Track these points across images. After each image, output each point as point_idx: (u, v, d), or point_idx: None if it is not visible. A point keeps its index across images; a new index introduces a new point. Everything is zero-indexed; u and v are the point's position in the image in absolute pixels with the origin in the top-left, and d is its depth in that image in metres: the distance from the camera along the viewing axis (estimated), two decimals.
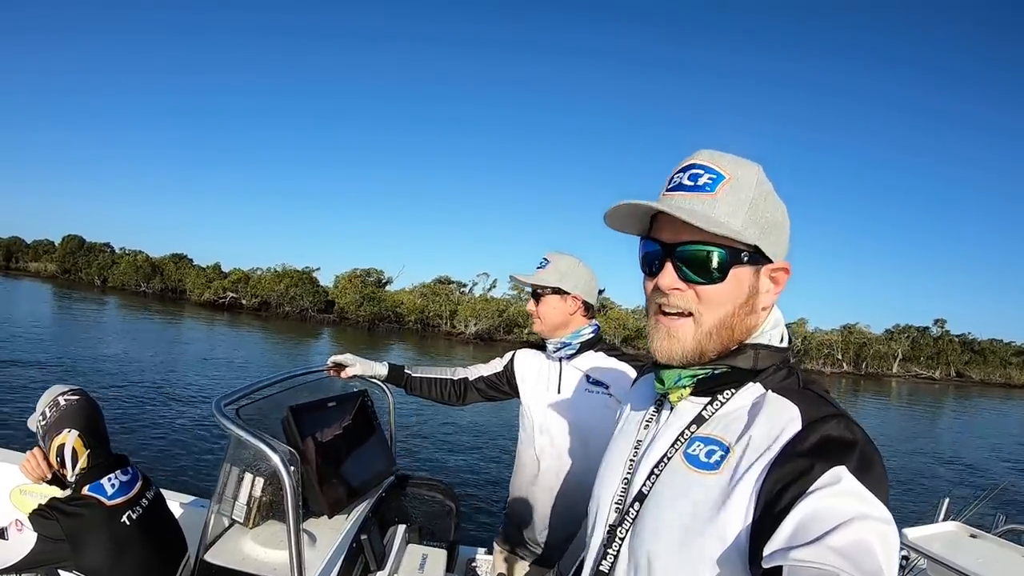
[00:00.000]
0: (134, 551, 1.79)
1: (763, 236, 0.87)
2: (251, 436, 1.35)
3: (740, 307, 0.88)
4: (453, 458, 9.41)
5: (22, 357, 13.46)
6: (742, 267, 0.87)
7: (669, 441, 0.93)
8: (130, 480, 1.88)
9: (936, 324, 55.43)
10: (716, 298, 0.87)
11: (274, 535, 1.64)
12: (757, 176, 0.88)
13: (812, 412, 0.81)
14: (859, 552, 0.66)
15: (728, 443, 0.85)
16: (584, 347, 2.15)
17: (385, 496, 2.09)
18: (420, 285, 49.52)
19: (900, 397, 32.94)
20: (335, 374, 2.21)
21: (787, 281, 0.92)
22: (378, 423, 2.25)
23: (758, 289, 0.89)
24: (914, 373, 50.83)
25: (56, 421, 1.85)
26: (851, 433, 0.78)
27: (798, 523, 0.71)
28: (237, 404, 1.59)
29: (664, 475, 0.91)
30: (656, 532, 0.87)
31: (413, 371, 2.37)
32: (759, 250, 0.87)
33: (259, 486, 1.65)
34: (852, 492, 0.71)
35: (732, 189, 0.86)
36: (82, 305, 30.89)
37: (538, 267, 2.17)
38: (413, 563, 1.73)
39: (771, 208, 0.89)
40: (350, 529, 1.76)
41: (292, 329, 34.44)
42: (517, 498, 2.23)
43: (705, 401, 0.93)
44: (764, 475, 0.78)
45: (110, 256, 51.68)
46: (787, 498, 0.74)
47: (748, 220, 0.86)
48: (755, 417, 0.85)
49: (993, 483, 6.91)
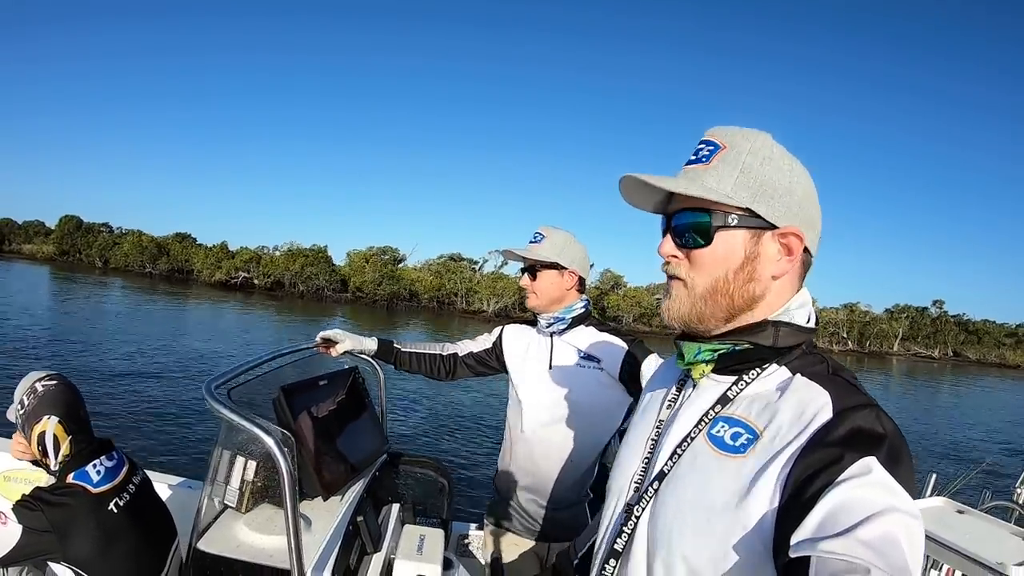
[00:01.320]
0: (123, 539, 1.75)
1: (757, 199, 0.87)
2: (243, 419, 1.31)
3: (735, 272, 0.89)
4: (444, 434, 9.51)
5: (23, 344, 13.18)
6: (730, 230, 0.88)
7: (692, 420, 0.92)
8: (116, 466, 1.84)
9: (935, 305, 57.60)
10: (704, 261, 0.89)
11: (268, 520, 1.62)
12: (754, 142, 0.89)
13: (844, 400, 0.80)
14: (888, 546, 0.66)
15: (755, 426, 0.84)
16: (575, 322, 2.17)
17: (378, 475, 2.08)
18: (429, 262, 49.47)
19: (900, 375, 34.19)
20: (325, 350, 2.19)
21: (801, 250, 0.89)
22: (369, 400, 2.23)
23: (758, 254, 0.88)
24: (913, 352, 52.93)
25: (35, 409, 1.79)
26: (882, 424, 0.77)
27: (827, 513, 0.70)
28: (228, 386, 1.54)
29: (686, 455, 0.90)
30: (675, 512, 0.86)
31: (403, 346, 2.37)
32: (754, 214, 0.87)
33: (251, 469, 1.62)
34: (882, 484, 0.71)
35: (726, 156, 0.89)
36: (85, 288, 30.23)
37: (531, 241, 2.16)
38: (411, 544, 1.72)
39: (770, 171, 0.88)
40: (346, 511, 1.74)
41: (308, 309, 34.25)
42: (507, 472, 2.25)
43: (730, 380, 0.91)
44: (793, 462, 0.77)
45: (111, 237, 50.37)
46: (816, 486, 0.73)
47: (739, 184, 0.87)
48: (784, 401, 0.84)
49: (979, 459, 7.16)
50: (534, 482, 2.16)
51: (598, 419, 2.11)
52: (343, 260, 47.24)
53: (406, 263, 49.03)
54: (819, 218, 0.92)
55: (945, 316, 56.76)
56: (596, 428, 2.12)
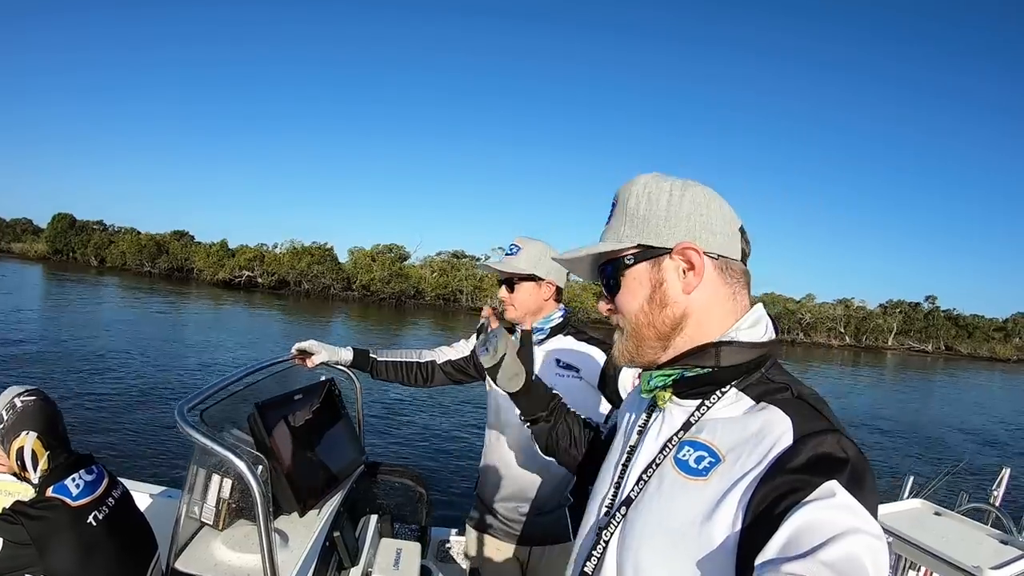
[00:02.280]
0: (103, 552, 1.77)
1: (641, 231, 0.95)
2: (215, 444, 1.33)
3: (647, 303, 0.96)
4: (423, 441, 9.50)
5: (16, 348, 13.01)
6: (631, 268, 0.97)
7: (659, 445, 0.94)
8: (95, 479, 1.85)
9: (927, 300, 59.19)
10: (623, 304, 0.99)
11: (245, 537, 1.64)
12: (632, 188, 0.98)
13: (805, 426, 0.82)
14: (851, 567, 0.67)
15: (718, 450, 0.86)
16: (554, 331, 2.21)
17: (355, 487, 2.10)
18: (429, 259, 49.40)
19: (894, 370, 34.68)
20: (300, 362, 2.20)
21: (703, 259, 0.92)
22: (346, 412, 2.25)
23: (663, 280, 0.94)
24: (908, 346, 54.39)
25: (13, 424, 1.81)
26: (843, 448, 0.79)
27: (790, 535, 0.72)
28: (202, 406, 1.55)
29: (653, 480, 0.92)
30: (641, 537, 0.88)
31: (379, 355, 2.39)
32: (646, 247, 0.95)
33: (227, 487, 1.64)
34: (845, 506, 0.72)
35: (616, 211, 1.01)
36: (81, 288, 29.84)
37: (507, 253, 2.18)
38: (388, 559, 1.75)
39: (648, 205, 0.96)
40: (323, 527, 1.77)
41: (315, 308, 34.10)
42: (487, 479, 2.29)
43: (694, 405, 0.93)
44: (754, 487, 0.78)
45: (105, 235, 49.68)
46: (779, 509, 0.75)
47: (628, 228, 0.97)
48: (746, 426, 0.86)
49: (957, 459, 7.25)
50: (514, 488, 2.19)
51: None
52: (345, 258, 47.20)
53: (411, 260, 49.08)
54: (726, 225, 0.96)
55: (937, 311, 58.05)
56: None
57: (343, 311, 34.04)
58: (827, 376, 26.79)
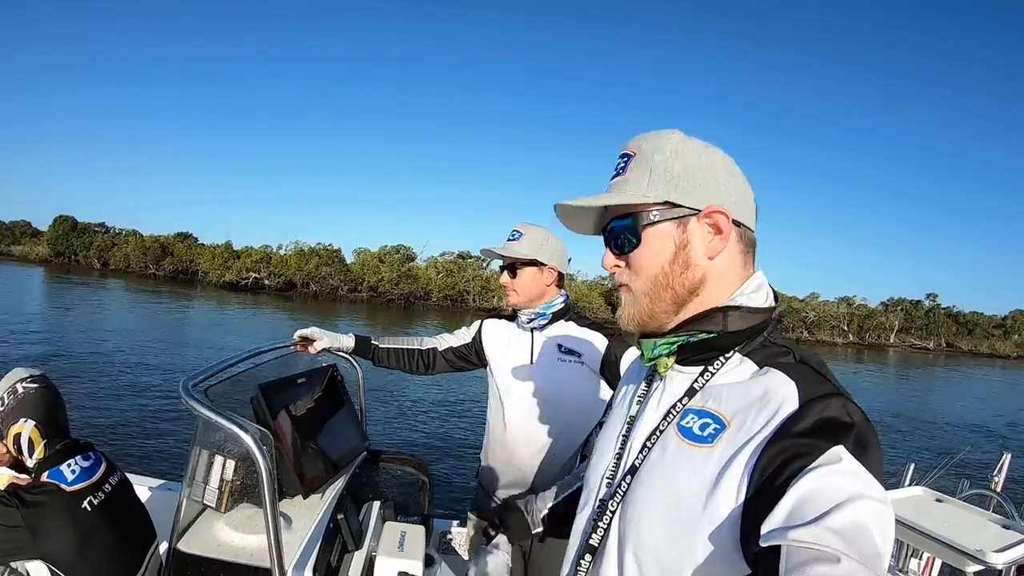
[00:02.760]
0: (99, 538, 1.76)
1: (673, 189, 0.92)
2: (221, 417, 1.32)
3: (670, 264, 0.93)
4: (424, 430, 9.51)
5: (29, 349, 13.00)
6: (655, 226, 0.93)
7: (661, 414, 0.95)
8: (92, 465, 1.85)
9: (928, 298, 60.13)
10: (640, 262, 0.95)
11: (248, 519, 1.63)
12: (659, 141, 0.95)
13: (810, 389, 0.82)
14: (858, 533, 0.68)
15: (723, 417, 0.86)
16: (555, 317, 2.21)
17: (358, 473, 2.09)
18: (434, 260, 49.30)
19: (896, 366, 35.19)
20: (302, 349, 2.21)
21: (731, 225, 0.92)
22: (348, 398, 2.25)
23: (688, 241, 0.92)
24: (909, 344, 55.11)
25: (13, 410, 1.81)
26: (849, 413, 0.79)
27: (796, 502, 0.72)
28: (205, 384, 1.55)
29: (656, 448, 0.92)
30: (647, 505, 0.88)
31: (380, 342, 2.40)
32: (674, 204, 0.92)
33: (230, 469, 1.63)
34: (851, 471, 0.72)
35: (636, 163, 0.95)
36: (86, 290, 29.58)
37: (509, 239, 2.19)
38: (392, 541, 1.74)
39: (680, 163, 0.93)
40: (326, 509, 1.76)
41: (324, 309, 34.00)
42: (488, 468, 2.29)
43: (696, 372, 0.93)
44: (760, 452, 0.79)
45: (108, 237, 49.30)
46: (784, 476, 0.75)
47: (652, 182, 0.93)
48: (751, 391, 0.86)
49: (958, 448, 7.28)
50: (516, 476, 2.19)
51: (579, 413, 2.15)
52: (351, 259, 47.03)
53: (418, 261, 49.01)
54: (745, 193, 0.96)
55: (938, 308, 58.90)
56: (577, 422, 2.16)
57: (352, 312, 33.96)
58: (843, 373, 26.88)
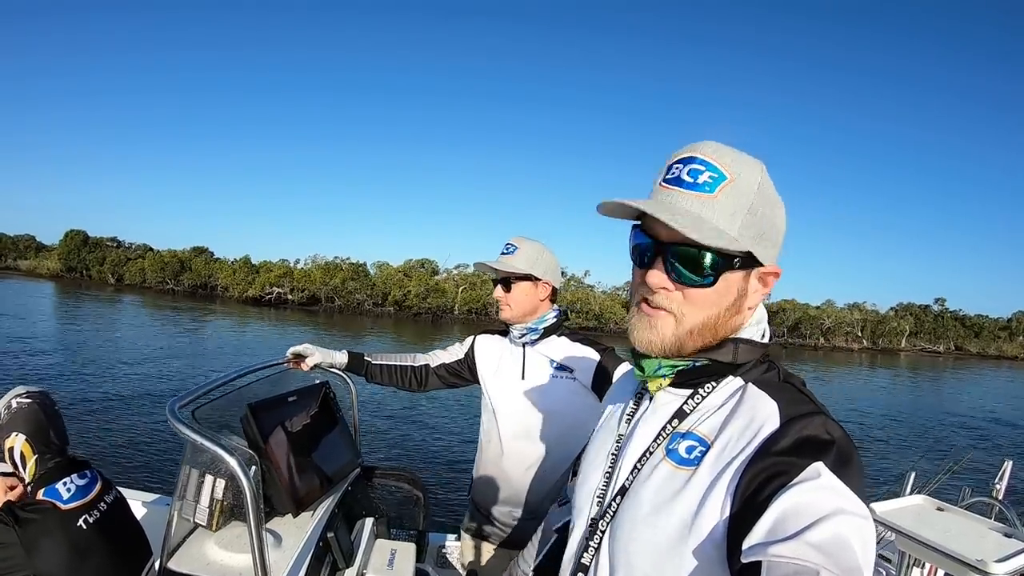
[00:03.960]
0: (94, 556, 1.79)
1: (758, 242, 0.88)
2: (206, 440, 1.34)
3: (726, 310, 0.90)
4: (419, 446, 9.54)
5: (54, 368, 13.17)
6: (733, 272, 0.88)
7: (651, 435, 0.95)
8: (88, 484, 1.88)
9: (936, 302, 62.66)
10: (703, 300, 0.88)
11: (238, 537, 1.65)
12: (760, 178, 0.88)
13: (791, 409, 0.83)
14: (838, 548, 0.69)
15: (707, 438, 0.87)
16: (547, 332, 2.21)
17: (351, 490, 2.11)
18: (451, 272, 49.63)
19: (909, 370, 35.78)
20: (295, 366, 2.22)
21: (775, 283, 0.93)
22: (341, 415, 2.26)
23: (746, 291, 0.91)
24: (920, 348, 56.88)
25: (6, 424, 1.86)
26: (829, 430, 0.80)
27: (777, 518, 0.73)
28: (194, 405, 1.57)
29: (645, 469, 0.93)
30: (636, 526, 0.89)
31: (373, 358, 2.41)
32: (752, 255, 0.88)
33: (220, 487, 1.65)
34: (830, 487, 0.74)
35: (733, 191, 0.86)
36: (104, 306, 29.70)
37: (503, 253, 2.19)
38: (382, 559, 1.76)
39: (769, 212, 0.89)
40: (316, 527, 1.77)
41: (351, 324, 34.37)
42: (482, 482, 2.30)
43: (686, 394, 0.94)
44: (742, 471, 0.80)
45: (123, 252, 49.80)
46: (766, 493, 0.76)
47: (744, 225, 0.86)
48: (734, 411, 0.87)
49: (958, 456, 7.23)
50: (509, 492, 2.20)
51: (571, 428, 2.16)
52: (372, 273, 47.51)
53: (441, 274, 49.43)
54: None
55: (946, 312, 60.84)
56: (569, 437, 2.16)
57: (378, 326, 34.30)
58: (858, 377, 27.55)
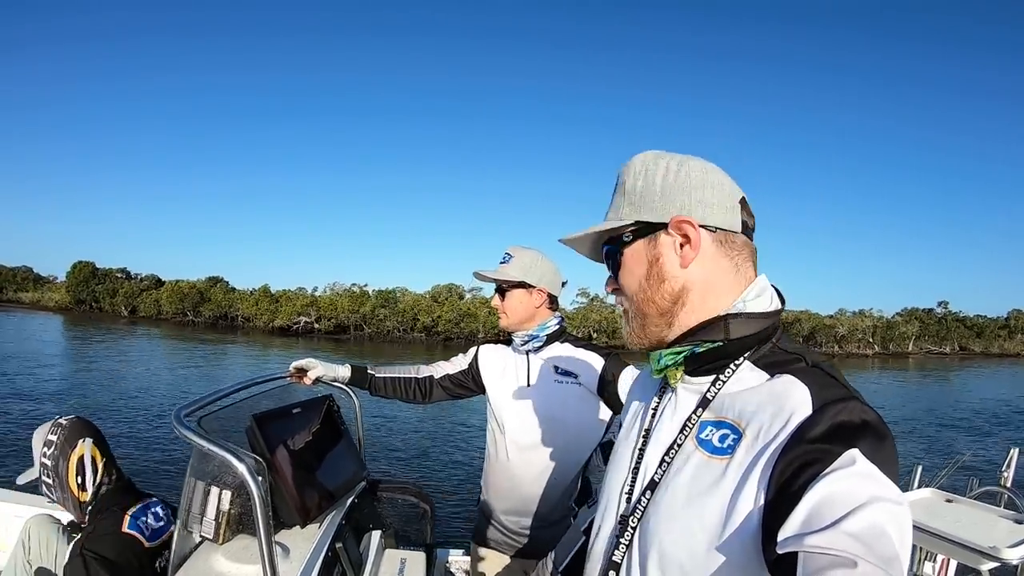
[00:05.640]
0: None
1: (638, 209, 0.98)
2: (215, 446, 1.34)
3: (645, 280, 0.97)
4: (423, 459, 9.45)
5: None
6: (629, 246, 0.99)
7: (677, 426, 0.94)
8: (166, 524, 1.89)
9: (940, 305, 65.41)
10: (624, 283, 1.01)
11: (245, 549, 1.64)
12: (631, 166, 1.01)
13: (823, 394, 0.82)
14: (875, 536, 0.68)
15: (739, 425, 0.87)
16: (550, 339, 2.23)
17: (357, 503, 2.10)
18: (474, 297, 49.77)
19: (919, 372, 36.66)
20: (298, 380, 2.22)
21: (699, 232, 0.93)
22: (345, 428, 2.26)
23: (659, 255, 0.96)
24: (927, 350, 59.26)
25: (67, 438, 1.86)
26: (863, 415, 0.79)
27: (812, 507, 0.72)
28: (198, 414, 1.57)
29: (676, 461, 0.92)
30: (670, 519, 0.88)
31: (376, 371, 2.41)
32: (643, 223, 0.97)
33: (227, 499, 1.64)
34: (866, 474, 0.73)
35: (617, 190, 1.03)
36: (124, 340, 28.67)
37: (501, 262, 2.22)
38: (392, 568, 1.75)
39: (645, 182, 0.98)
40: (323, 538, 1.77)
41: (383, 351, 34.31)
42: (491, 492, 2.29)
43: (707, 382, 0.94)
44: (776, 459, 0.79)
45: (135, 283, 49.04)
46: (800, 482, 0.75)
47: (627, 206, 0.99)
48: (764, 399, 0.86)
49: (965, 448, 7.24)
50: (518, 501, 2.19)
51: (579, 434, 2.16)
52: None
53: (466, 298, 49.60)
54: (720, 194, 0.96)
55: (949, 314, 63.35)
56: (577, 443, 2.17)
57: (410, 352, 34.20)
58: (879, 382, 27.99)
